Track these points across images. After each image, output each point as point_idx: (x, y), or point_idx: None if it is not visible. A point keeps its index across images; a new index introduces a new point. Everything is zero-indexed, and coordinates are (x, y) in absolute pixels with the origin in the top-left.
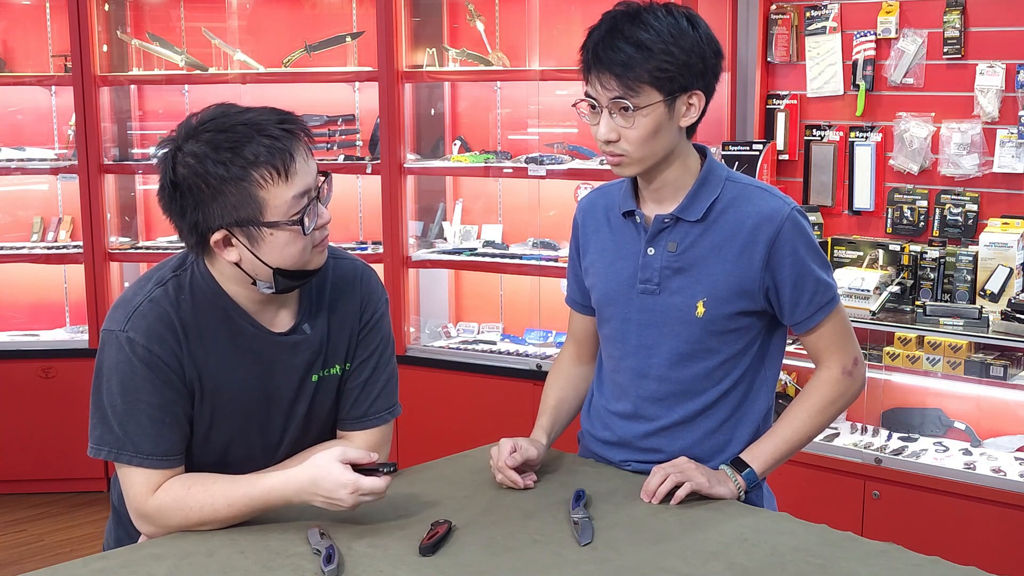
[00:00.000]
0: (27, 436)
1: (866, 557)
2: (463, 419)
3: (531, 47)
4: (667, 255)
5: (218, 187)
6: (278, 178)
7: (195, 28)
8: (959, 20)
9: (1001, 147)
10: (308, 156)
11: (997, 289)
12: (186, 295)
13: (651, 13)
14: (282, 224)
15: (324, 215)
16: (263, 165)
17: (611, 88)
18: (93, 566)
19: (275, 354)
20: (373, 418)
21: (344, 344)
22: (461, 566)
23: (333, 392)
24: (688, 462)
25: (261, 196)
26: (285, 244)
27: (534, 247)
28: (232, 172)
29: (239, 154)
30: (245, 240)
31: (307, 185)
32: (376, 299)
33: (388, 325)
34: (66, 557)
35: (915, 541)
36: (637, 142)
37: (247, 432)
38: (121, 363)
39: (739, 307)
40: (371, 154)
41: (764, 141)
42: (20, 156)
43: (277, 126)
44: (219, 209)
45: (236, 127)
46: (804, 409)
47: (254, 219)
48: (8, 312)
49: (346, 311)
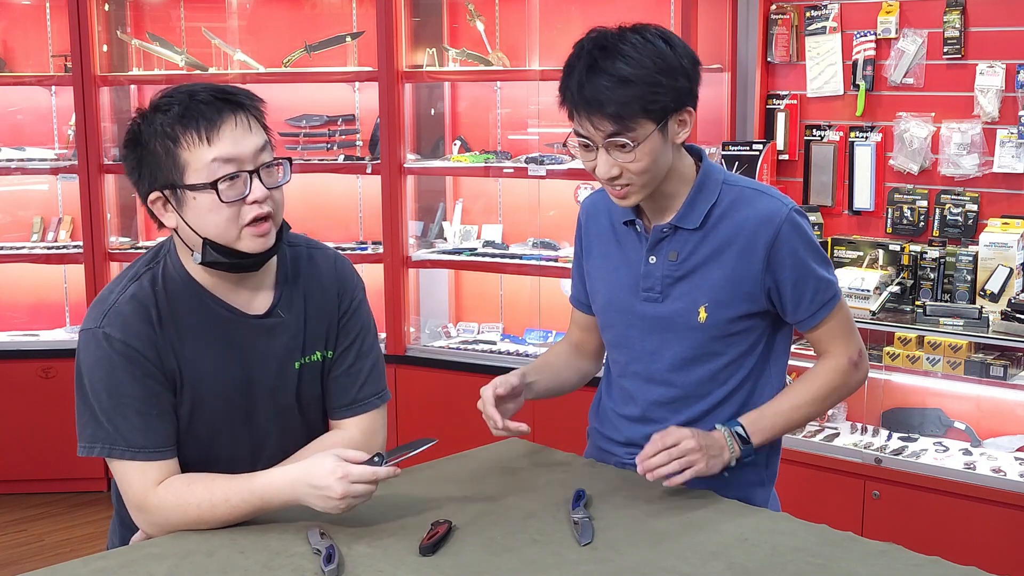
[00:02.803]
0: (27, 436)
1: (866, 557)
2: (463, 419)
3: (531, 47)
4: (668, 264)
5: (154, 147)
6: (199, 140)
7: (195, 28)
8: (959, 20)
9: (1001, 147)
10: (249, 130)
11: (997, 289)
12: (160, 286)
13: (626, 43)
14: (199, 187)
15: (257, 191)
16: (188, 125)
17: (604, 128)
18: (93, 566)
19: (252, 338)
20: (363, 404)
21: (323, 332)
22: (461, 566)
23: (318, 380)
24: (689, 439)
25: (183, 158)
26: (207, 211)
27: (534, 247)
28: (158, 130)
29: (167, 113)
30: (174, 203)
31: (234, 154)
32: (353, 287)
33: (367, 312)
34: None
35: (915, 541)
36: (640, 172)
37: (231, 422)
38: (101, 359)
39: (741, 310)
40: (371, 154)
41: (764, 141)
42: (20, 156)
43: (211, 93)
44: (151, 169)
45: (176, 94)
46: (808, 389)
47: (176, 180)
48: (8, 312)
49: (323, 300)
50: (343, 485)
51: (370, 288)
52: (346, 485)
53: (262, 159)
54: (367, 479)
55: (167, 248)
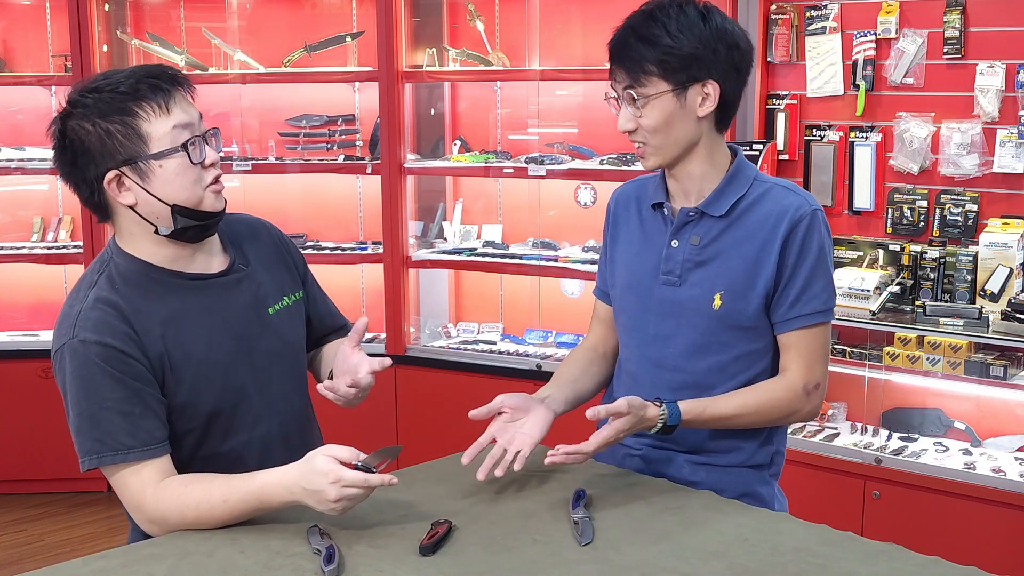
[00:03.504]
0: (27, 436)
1: (866, 557)
2: (463, 419)
3: (531, 47)
4: (690, 248)
5: (105, 128)
6: (159, 110)
7: (195, 28)
8: (959, 20)
9: (1001, 147)
10: (189, 103)
11: (997, 289)
12: (120, 283)
13: (663, 10)
14: (167, 152)
15: (211, 155)
16: (143, 99)
17: (622, 80)
18: (93, 566)
19: (224, 295)
20: (347, 328)
21: (282, 278)
22: (461, 566)
23: (299, 321)
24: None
25: (145, 130)
26: (176, 175)
27: (534, 247)
28: (115, 107)
29: (119, 93)
30: (137, 178)
31: (188, 120)
32: (280, 232)
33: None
34: (66, 557)
35: (915, 541)
36: (650, 130)
37: (234, 381)
38: (78, 368)
39: (755, 303)
40: (371, 154)
41: (764, 141)
42: (20, 156)
43: (151, 72)
44: (108, 151)
45: (117, 80)
46: (752, 397)
47: (141, 152)
48: (8, 312)
49: (266, 250)
50: (336, 489)
51: (370, 288)
52: (339, 489)
53: (204, 128)
54: (359, 484)
55: (109, 251)
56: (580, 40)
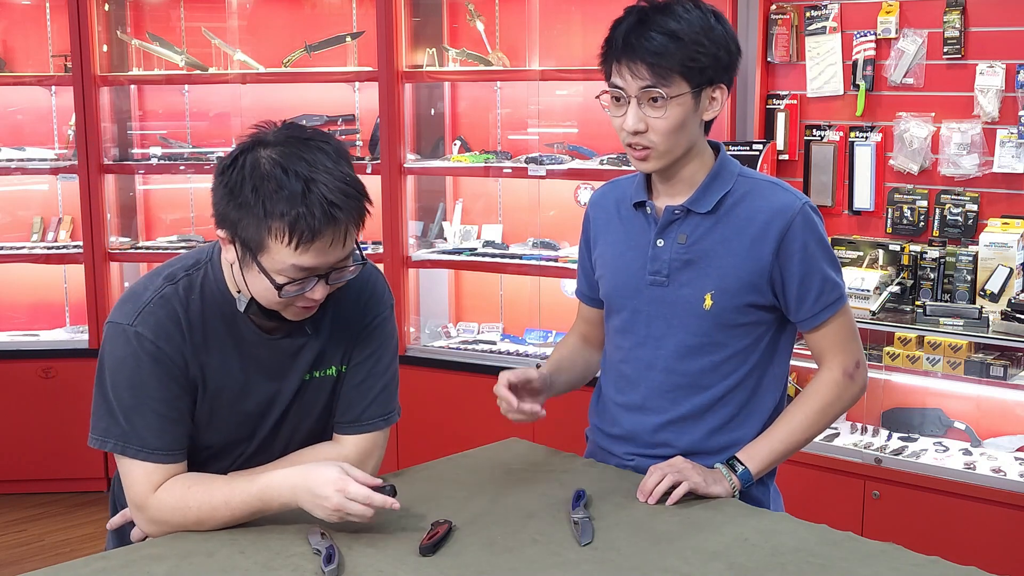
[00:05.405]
0: (27, 436)
1: (866, 557)
2: (463, 419)
3: (531, 47)
4: (677, 247)
5: (243, 205)
6: (289, 243)
7: (195, 28)
8: (959, 20)
9: (1001, 147)
10: (342, 244)
11: (997, 289)
12: (196, 295)
13: (680, 6)
14: (266, 274)
15: (316, 293)
16: (282, 219)
17: (642, 77)
18: (93, 566)
19: (279, 359)
20: (366, 424)
21: (342, 346)
22: (461, 566)
23: (326, 393)
24: (685, 462)
25: (268, 242)
26: (263, 289)
27: (534, 247)
28: (256, 206)
29: (271, 198)
30: (240, 254)
31: (315, 264)
32: (379, 302)
33: (391, 330)
34: (66, 557)
35: (915, 541)
36: (665, 132)
37: (240, 435)
38: (128, 357)
39: (747, 300)
40: (371, 154)
41: (764, 141)
42: (20, 156)
43: (329, 194)
44: (235, 216)
45: (298, 168)
46: (803, 410)
47: (251, 250)
48: (8, 312)
49: (349, 313)
50: (339, 498)
51: None
52: (341, 499)
53: (339, 264)
54: (361, 500)
55: (209, 256)
56: (580, 40)
